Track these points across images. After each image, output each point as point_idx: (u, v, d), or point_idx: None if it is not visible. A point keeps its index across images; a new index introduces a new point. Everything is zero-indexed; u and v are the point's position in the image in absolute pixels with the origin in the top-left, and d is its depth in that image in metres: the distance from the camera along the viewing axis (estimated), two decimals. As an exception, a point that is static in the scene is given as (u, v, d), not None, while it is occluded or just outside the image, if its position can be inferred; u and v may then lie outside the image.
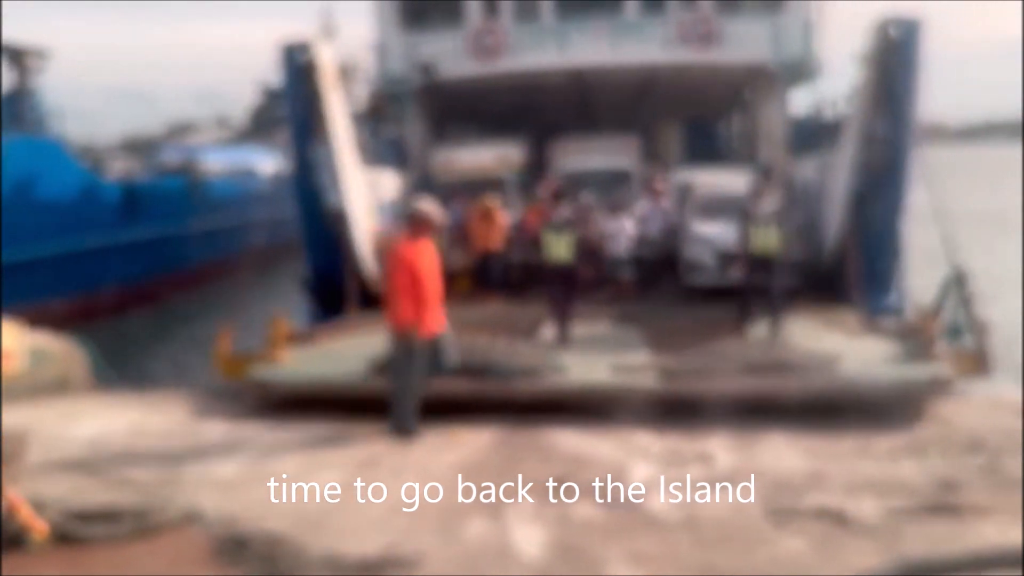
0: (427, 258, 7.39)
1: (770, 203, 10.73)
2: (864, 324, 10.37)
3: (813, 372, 8.10)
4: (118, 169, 26.38)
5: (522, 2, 19.51)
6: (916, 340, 8.61)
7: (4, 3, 19.24)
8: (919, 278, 12.89)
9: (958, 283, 9.39)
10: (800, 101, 19.88)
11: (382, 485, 6.18)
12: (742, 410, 7.40)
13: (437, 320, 7.44)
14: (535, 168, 21.14)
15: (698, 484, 6.09)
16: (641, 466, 6.49)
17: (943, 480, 5.96)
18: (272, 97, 43.24)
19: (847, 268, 11.54)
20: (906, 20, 11.07)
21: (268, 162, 33.74)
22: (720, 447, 6.87)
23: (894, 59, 10.74)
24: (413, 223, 7.51)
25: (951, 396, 7.92)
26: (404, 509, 5.74)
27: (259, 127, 46.80)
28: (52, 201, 19.10)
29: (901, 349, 8.78)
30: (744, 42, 18.28)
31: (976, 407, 7.85)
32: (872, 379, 8.08)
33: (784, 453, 6.73)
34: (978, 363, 8.53)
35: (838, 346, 9.11)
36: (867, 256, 11.58)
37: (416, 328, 7.22)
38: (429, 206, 7.62)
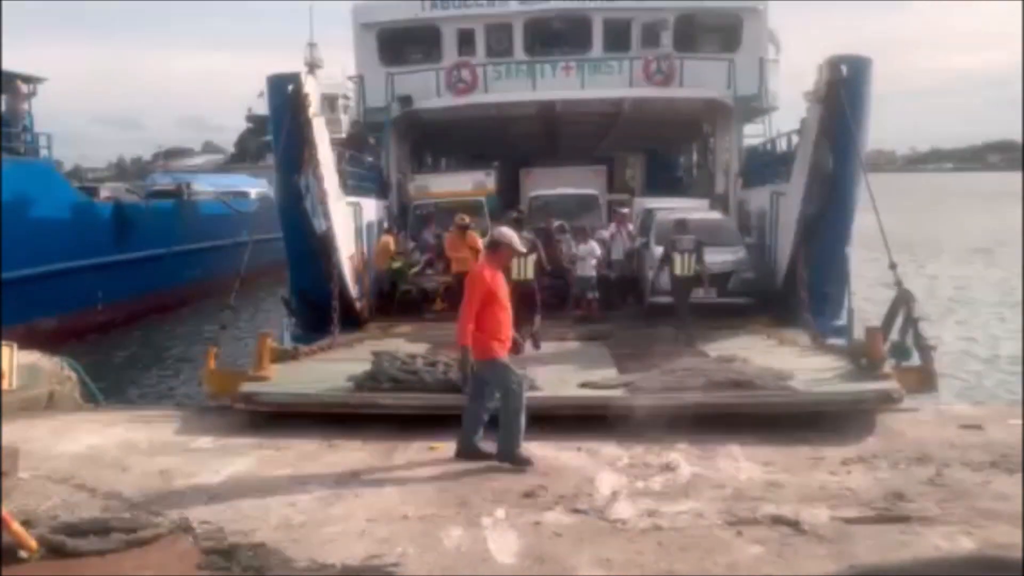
0: (503, 284, 7.07)
1: (690, 240, 11.76)
2: (816, 343, 10.51)
3: (769, 388, 8.17)
4: (110, 188, 26.11)
5: (495, 39, 19.70)
6: (865, 358, 8.71)
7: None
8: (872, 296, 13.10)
9: (905, 304, 9.52)
10: (755, 134, 20.18)
11: (364, 496, 6.13)
12: (703, 423, 7.45)
13: (507, 347, 7.01)
14: (508, 194, 21.25)
15: (662, 493, 6.10)
16: (609, 477, 6.49)
17: (892, 490, 6.01)
18: (258, 125, 43.06)
19: (798, 291, 11.69)
20: (856, 57, 11.30)
21: (254, 189, 33.52)
22: (682, 459, 6.88)
23: (844, 95, 10.94)
24: (494, 249, 7.15)
25: (900, 410, 8.02)
26: (385, 519, 5.68)
27: (245, 154, 46.53)
28: (45, 222, 18.78)
29: (851, 366, 8.89)
30: (702, 79, 18.59)
31: (923, 421, 7.93)
32: (824, 394, 8.18)
33: (742, 464, 6.76)
34: (924, 379, 8.66)
35: (792, 363, 9.21)
36: (816, 280, 11.75)
37: (501, 351, 6.84)
38: (509, 232, 7.31)
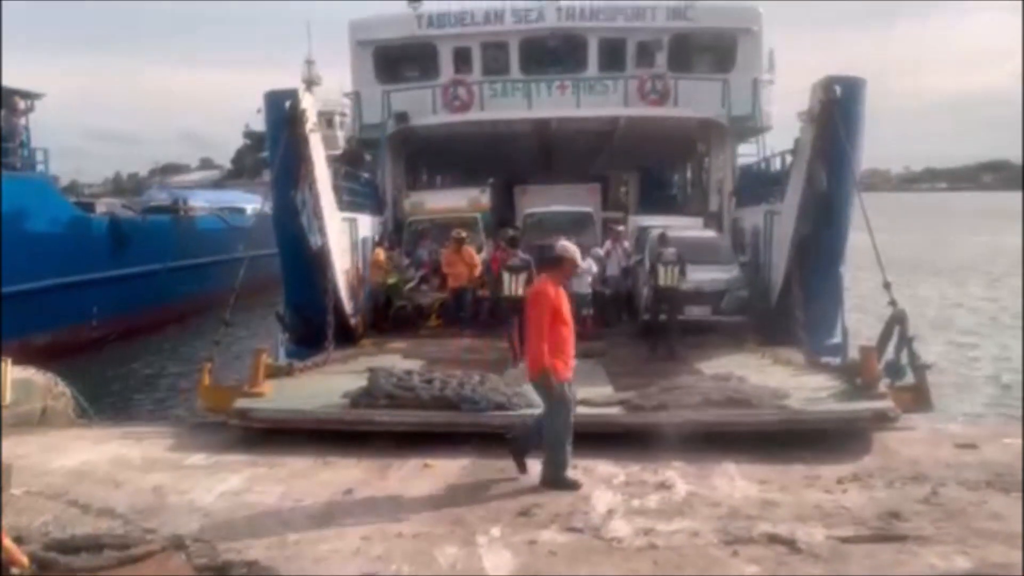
0: (566, 299, 6.86)
1: (672, 253, 12.29)
2: (810, 362, 10.51)
3: (765, 406, 8.17)
4: (106, 204, 26.07)
5: (491, 57, 19.79)
6: (860, 377, 8.71)
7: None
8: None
9: (900, 323, 9.54)
10: (749, 153, 20.27)
11: (358, 514, 6.09)
12: (699, 441, 7.43)
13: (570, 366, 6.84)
14: (502, 211, 21.29)
15: (658, 512, 6.08)
16: (604, 495, 6.47)
17: (888, 509, 6.00)
18: (256, 141, 43.13)
19: (792, 310, 11.71)
20: (850, 79, 11.38)
21: (251, 205, 33.52)
22: (678, 477, 6.87)
23: (838, 115, 11.02)
24: (558, 264, 6.88)
25: (895, 429, 8.01)
26: (379, 537, 5.64)
27: (242, 170, 46.58)
28: (41, 237, 18.71)
29: (846, 385, 8.89)
30: (697, 99, 18.71)
31: (919, 440, 7.93)
32: (820, 413, 8.17)
33: (738, 483, 6.75)
34: (919, 399, 8.66)
35: (787, 382, 9.21)
36: (810, 298, 11.77)
37: (562, 372, 6.63)
38: (572, 247, 7.07)
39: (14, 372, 8.51)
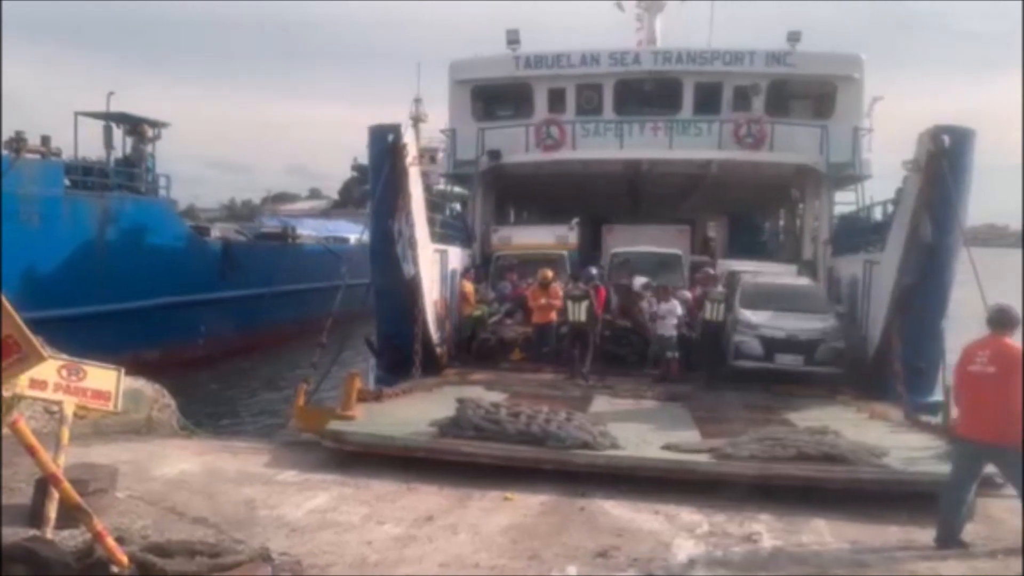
0: None
1: (720, 292, 13.77)
2: (909, 419, 9.94)
3: (862, 464, 7.73)
4: (220, 228, 27.26)
5: (585, 98, 19.83)
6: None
7: (124, 76, 20.40)
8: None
9: None
10: (846, 201, 19.53)
11: (438, 541, 6.08)
12: (789, 495, 7.10)
13: None
14: (586, 249, 21.18)
15: (741, 565, 5.81)
16: (686, 543, 6.24)
17: (990, 581, 5.57)
18: (363, 174, 44.47)
19: (891, 364, 11.14)
20: (959, 128, 10.88)
21: (354, 235, 34.39)
22: (765, 530, 6.57)
23: (945, 166, 10.54)
24: (1012, 325, 6.34)
25: (1000, 496, 7.44)
26: (457, 565, 5.60)
27: (347, 201, 47.95)
28: (160, 257, 19.69)
29: (948, 446, 8.32)
30: (793, 144, 18.23)
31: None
32: (920, 474, 7.66)
33: (828, 540, 6.41)
34: None
35: (884, 439, 8.73)
36: (910, 353, 11.18)
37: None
38: (1017, 310, 6.48)
39: (126, 382, 8.94)
